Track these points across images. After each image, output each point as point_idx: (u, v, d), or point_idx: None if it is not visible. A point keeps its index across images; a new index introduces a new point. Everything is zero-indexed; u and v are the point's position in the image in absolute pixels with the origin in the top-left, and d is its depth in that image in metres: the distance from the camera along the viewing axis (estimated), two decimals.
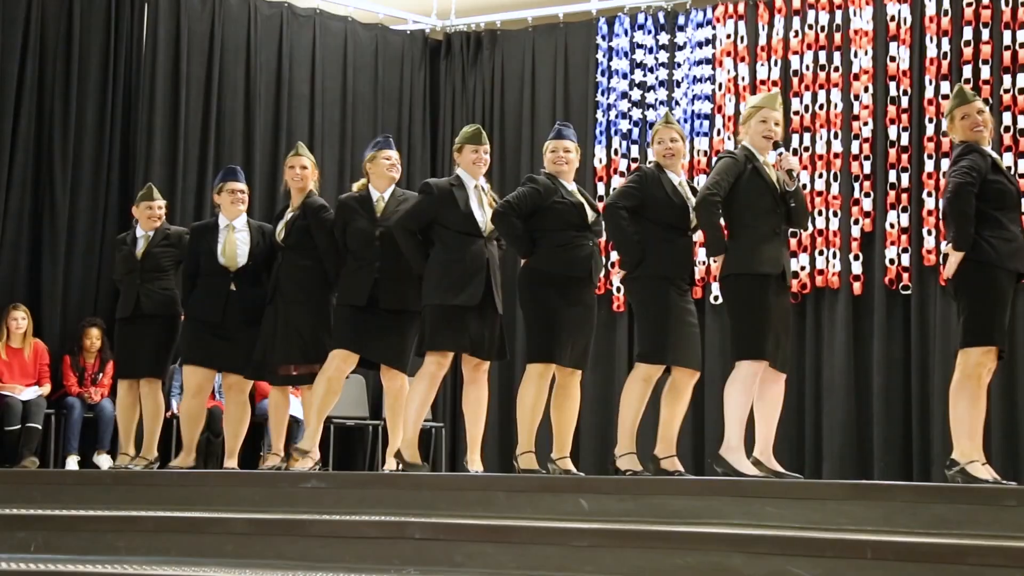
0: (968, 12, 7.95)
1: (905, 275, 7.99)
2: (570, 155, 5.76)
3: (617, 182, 8.42)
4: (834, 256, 8.17)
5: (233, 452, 6.51)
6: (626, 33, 8.99)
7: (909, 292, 7.98)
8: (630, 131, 8.85)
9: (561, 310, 5.52)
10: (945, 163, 7.95)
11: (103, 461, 7.48)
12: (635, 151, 8.85)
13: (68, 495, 5.34)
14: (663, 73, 8.89)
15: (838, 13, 8.35)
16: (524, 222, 5.57)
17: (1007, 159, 7.79)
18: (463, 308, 5.62)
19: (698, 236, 5.93)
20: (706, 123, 8.67)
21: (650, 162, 5.93)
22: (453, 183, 5.84)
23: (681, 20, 8.88)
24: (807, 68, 8.39)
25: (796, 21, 8.46)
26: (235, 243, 6.47)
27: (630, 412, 5.47)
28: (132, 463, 6.59)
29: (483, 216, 5.77)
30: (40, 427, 7.57)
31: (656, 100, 8.87)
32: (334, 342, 5.97)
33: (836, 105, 8.29)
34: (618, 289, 8.46)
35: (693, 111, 8.72)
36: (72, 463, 7.60)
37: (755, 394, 5.31)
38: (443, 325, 5.64)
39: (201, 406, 6.59)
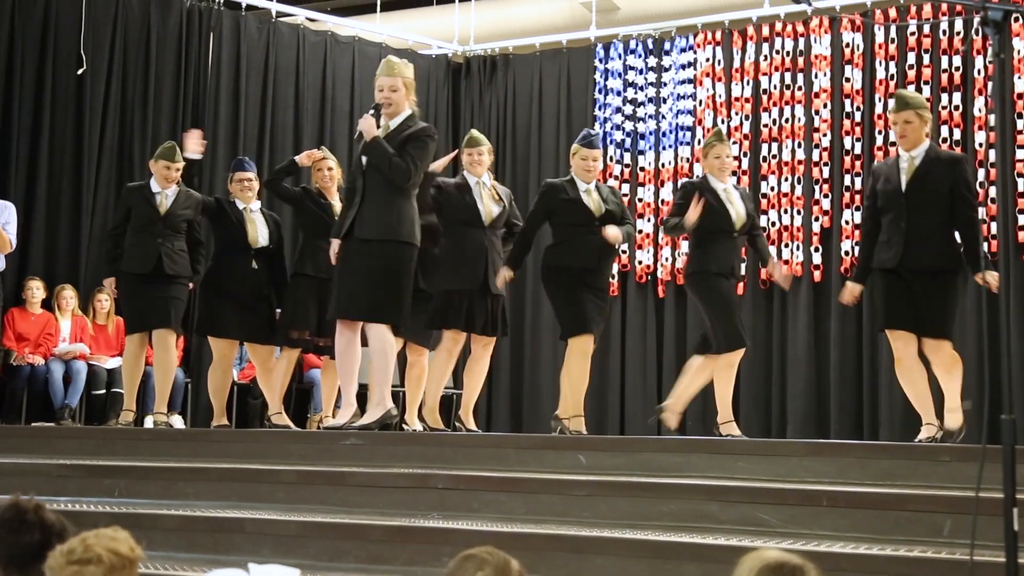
0: (911, 40, 7.92)
1: None
2: (597, 164, 5.78)
3: (611, 184, 8.35)
4: (797, 248, 8.14)
5: (273, 403, 6.28)
6: (620, 57, 8.94)
7: None
8: (623, 141, 8.82)
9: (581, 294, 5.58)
10: None
11: (176, 421, 7.50)
12: (627, 158, 8.83)
13: (146, 449, 5.36)
14: (651, 91, 8.84)
15: (801, 40, 8.31)
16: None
17: None
18: (466, 291, 5.61)
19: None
20: (688, 134, 8.64)
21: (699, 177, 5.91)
22: (459, 182, 5.86)
23: (667, 46, 8.84)
24: (775, 87, 8.35)
25: (765, 47, 8.42)
26: (256, 224, 6.30)
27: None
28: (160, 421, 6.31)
29: (484, 208, 5.74)
30: (122, 391, 7.59)
31: (646, 115, 8.83)
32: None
33: (799, 119, 8.24)
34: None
35: (677, 124, 8.68)
36: (149, 422, 7.62)
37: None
38: (448, 306, 5.64)
39: (226, 374, 6.39)
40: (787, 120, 8.27)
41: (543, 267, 5.78)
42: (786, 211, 8.14)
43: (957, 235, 5.11)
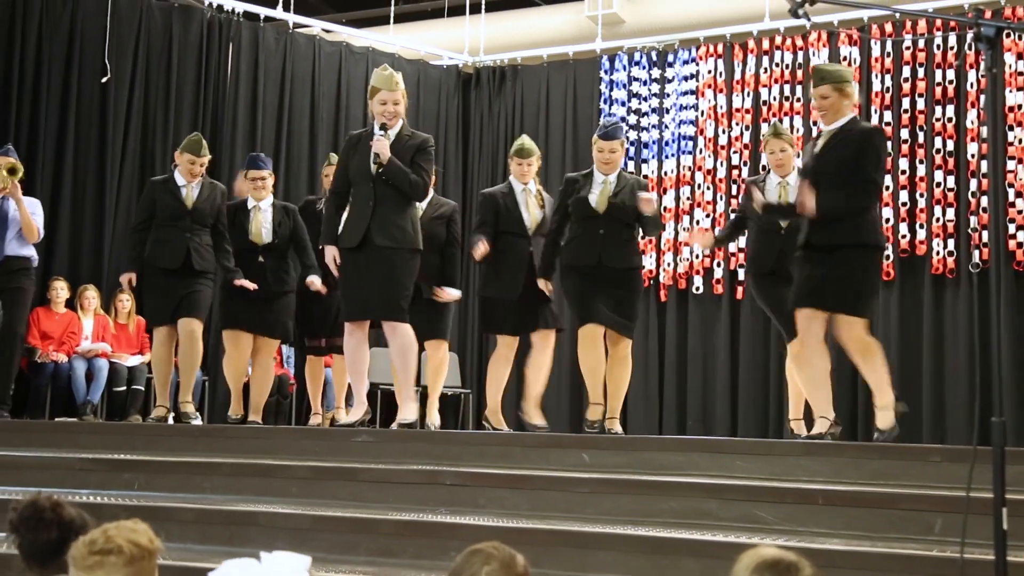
0: (907, 54, 7.92)
1: None
2: (615, 155, 5.48)
3: None
4: None
5: (258, 408, 6.15)
6: (624, 68, 8.95)
7: None
8: (627, 149, 8.81)
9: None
10: (888, 179, 7.89)
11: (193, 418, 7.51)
12: (631, 166, 8.83)
13: (164, 444, 5.36)
14: (655, 102, 8.85)
15: (800, 53, 8.32)
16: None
17: (937, 176, 7.75)
18: (504, 299, 5.58)
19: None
20: (690, 143, 8.63)
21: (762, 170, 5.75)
22: (503, 190, 5.79)
23: (670, 58, 8.84)
24: (774, 99, 8.35)
25: (765, 60, 8.42)
26: (260, 223, 6.13)
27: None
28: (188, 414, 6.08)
29: (529, 216, 5.69)
30: (143, 388, 7.60)
31: (649, 124, 8.83)
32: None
33: (798, 130, 8.24)
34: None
35: (680, 134, 8.68)
36: (168, 418, 7.61)
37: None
38: (494, 313, 5.64)
39: (239, 365, 6.12)
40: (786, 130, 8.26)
41: (559, 265, 5.68)
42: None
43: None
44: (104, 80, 7.93)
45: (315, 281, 6.05)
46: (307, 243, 6.19)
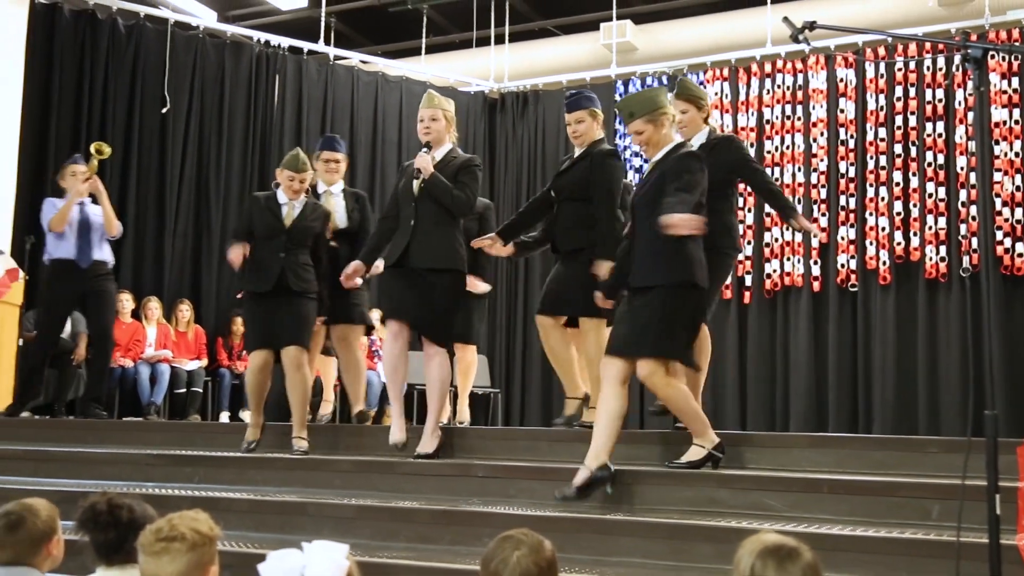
0: (899, 75, 7.87)
1: (853, 276, 7.90)
2: (582, 125, 4.79)
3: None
4: (799, 262, 8.09)
5: (359, 398, 5.47)
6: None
7: (856, 289, 7.89)
8: (641, 166, 8.80)
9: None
10: (884, 191, 7.84)
11: (247, 416, 7.53)
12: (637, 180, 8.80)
13: (221, 441, 5.38)
14: None
15: (800, 76, 8.28)
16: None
17: (929, 187, 7.69)
18: None
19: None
20: None
21: None
22: None
23: None
24: (776, 118, 8.32)
25: (768, 82, 8.39)
26: (333, 207, 5.37)
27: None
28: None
29: None
30: (200, 391, 7.68)
31: None
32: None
33: (799, 146, 8.21)
34: None
35: None
36: (224, 418, 7.68)
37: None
38: None
39: (312, 356, 5.33)
40: (788, 147, 8.23)
41: None
42: (788, 229, 8.09)
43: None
44: (164, 110, 8.02)
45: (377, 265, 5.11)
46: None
